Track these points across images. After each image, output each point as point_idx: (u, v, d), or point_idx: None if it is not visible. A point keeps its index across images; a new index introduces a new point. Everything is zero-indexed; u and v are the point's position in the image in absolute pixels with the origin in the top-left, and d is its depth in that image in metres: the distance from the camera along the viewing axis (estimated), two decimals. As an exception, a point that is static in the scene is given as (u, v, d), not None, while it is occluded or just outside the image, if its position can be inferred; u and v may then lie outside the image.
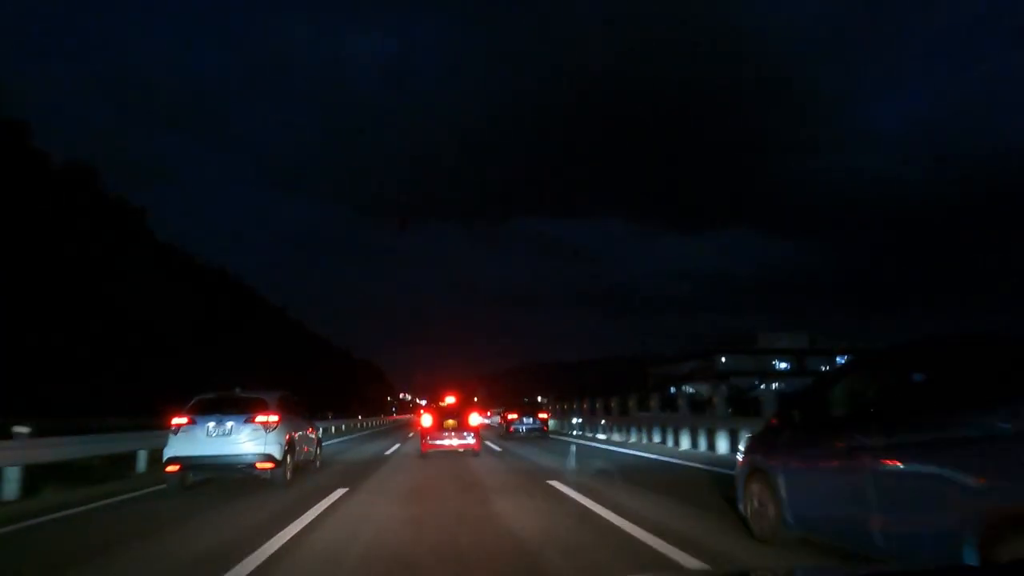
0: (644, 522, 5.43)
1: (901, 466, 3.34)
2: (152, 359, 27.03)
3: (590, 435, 22.95)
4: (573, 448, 14.19)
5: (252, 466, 8.21)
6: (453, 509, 6.48)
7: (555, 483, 8.25)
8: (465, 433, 12.98)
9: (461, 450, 13.06)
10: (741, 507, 5.07)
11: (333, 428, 30.03)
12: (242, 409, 8.47)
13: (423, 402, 76.46)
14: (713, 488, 7.67)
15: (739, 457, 5.45)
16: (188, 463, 8.11)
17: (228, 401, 8.68)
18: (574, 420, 27.46)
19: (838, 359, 53.73)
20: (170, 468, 8.07)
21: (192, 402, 8.66)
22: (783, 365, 59.89)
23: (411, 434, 24.44)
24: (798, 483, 4.32)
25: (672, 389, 45.21)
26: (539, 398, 43.40)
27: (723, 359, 60.06)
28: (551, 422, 27.90)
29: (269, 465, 8.21)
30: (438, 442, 12.93)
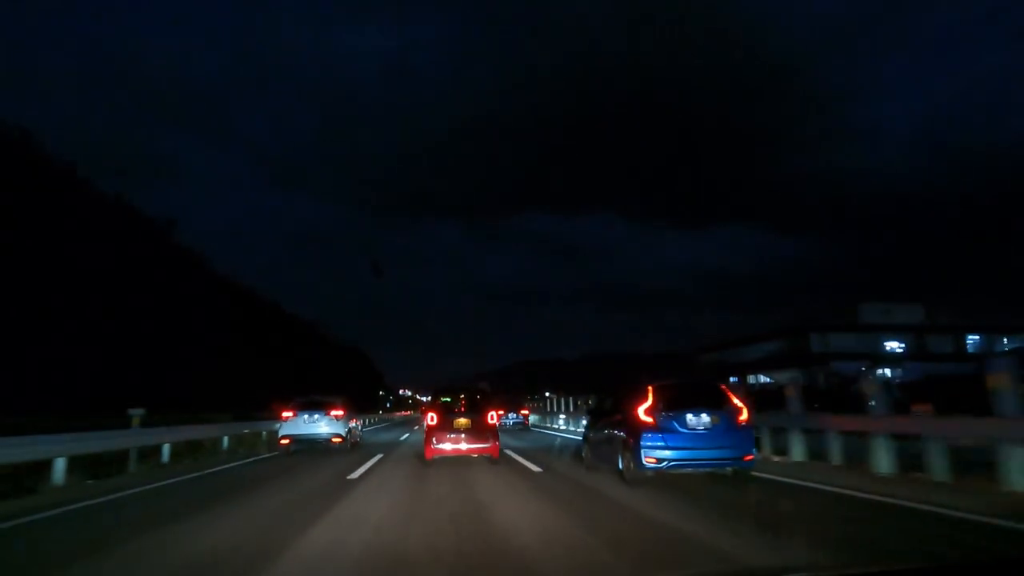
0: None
1: (610, 432, 9.08)
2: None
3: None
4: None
5: (330, 441, 14.03)
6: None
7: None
8: (486, 433, 11.07)
9: (475, 455, 11.40)
10: (583, 456, 10.77)
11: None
12: (322, 407, 14.28)
13: (426, 399, 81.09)
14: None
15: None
16: (293, 438, 13.90)
17: (314, 402, 14.50)
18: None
19: (968, 339, 47.01)
20: (283, 442, 13.94)
21: (293, 402, 14.41)
22: (895, 346, 47.48)
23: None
24: (593, 443, 10.04)
25: (733, 379, 38.24)
26: (546, 394, 48.24)
27: (817, 339, 46.89)
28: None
29: (340, 440, 14.04)
30: (445, 446, 11.03)
